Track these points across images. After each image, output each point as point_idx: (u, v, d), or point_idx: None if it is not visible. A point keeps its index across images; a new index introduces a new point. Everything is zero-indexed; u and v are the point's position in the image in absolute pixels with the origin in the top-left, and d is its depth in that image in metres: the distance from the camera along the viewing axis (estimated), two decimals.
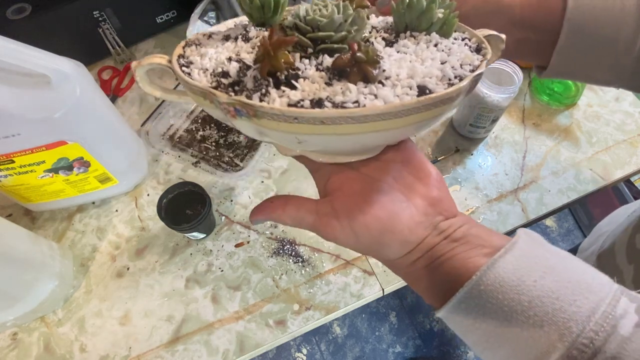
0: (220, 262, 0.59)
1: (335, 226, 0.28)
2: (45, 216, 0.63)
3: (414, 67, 0.25)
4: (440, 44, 0.27)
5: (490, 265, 0.25)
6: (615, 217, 0.59)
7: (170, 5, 0.78)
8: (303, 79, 0.25)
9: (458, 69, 0.25)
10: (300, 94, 0.24)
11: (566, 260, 0.25)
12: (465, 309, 0.25)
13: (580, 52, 0.36)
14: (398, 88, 0.23)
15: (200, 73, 0.27)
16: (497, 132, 0.70)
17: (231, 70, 0.26)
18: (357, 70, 0.24)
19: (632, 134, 0.69)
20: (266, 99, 0.23)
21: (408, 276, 0.30)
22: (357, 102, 0.23)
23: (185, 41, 0.30)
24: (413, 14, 0.28)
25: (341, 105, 0.22)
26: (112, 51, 0.76)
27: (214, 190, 0.65)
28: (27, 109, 0.45)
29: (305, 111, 0.22)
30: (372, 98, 0.23)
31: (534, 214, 0.62)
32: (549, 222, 1.60)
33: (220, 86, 0.25)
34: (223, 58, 0.27)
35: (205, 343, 0.54)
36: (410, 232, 0.28)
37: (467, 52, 0.27)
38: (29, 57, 0.42)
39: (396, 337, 1.40)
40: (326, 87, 0.24)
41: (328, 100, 0.23)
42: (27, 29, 0.66)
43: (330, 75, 0.25)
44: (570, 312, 0.23)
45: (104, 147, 0.55)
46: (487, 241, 0.27)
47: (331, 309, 0.56)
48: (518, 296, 0.24)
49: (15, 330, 0.55)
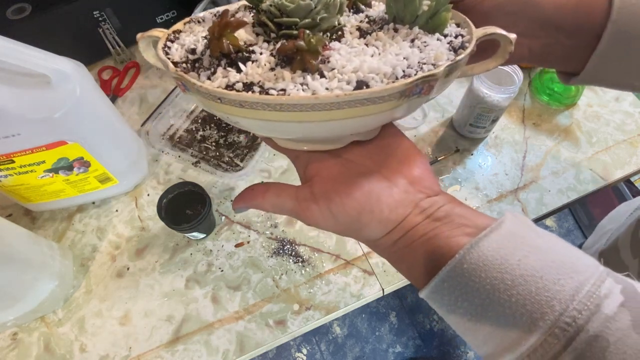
0: (220, 262, 0.59)
1: (314, 210, 0.28)
2: (45, 216, 0.63)
3: (363, 61, 0.24)
4: (418, 39, 0.26)
5: (474, 244, 0.24)
6: (618, 214, 0.59)
7: (170, 5, 0.78)
8: (252, 62, 0.25)
9: (414, 67, 0.24)
10: (240, 77, 0.24)
11: (552, 241, 0.25)
12: (448, 287, 0.25)
13: (622, 57, 0.33)
14: (334, 81, 0.23)
15: (179, 48, 0.28)
16: (497, 132, 0.70)
17: (198, 48, 0.27)
18: (299, 59, 0.24)
19: (632, 134, 0.69)
20: (212, 77, 0.25)
21: (391, 256, 0.30)
22: (283, 90, 0.23)
23: (191, 18, 0.31)
24: (399, 4, 0.27)
25: (266, 91, 0.23)
26: (112, 51, 0.76)
27: (214, 190, 0.65)
28: (27, 109, 0.45)
29: (225, 92, 0.23)
30: (300, 88, 0.23)
31: (534, 214, 0.62)
32: (549, 222, 1.60)
33: (187, 62, 0.26)
34: (200, 37, 0.29)
35: (205, 343, 0.54)
36: (390, 211, 0.28)
37: (442, 50, 0.25)
38: (29, 57, 0.42)
39: (396, 337, 1.40)
40: (267, 73, 0.24)
41: (258, 85, 0.23)
42: (27, 29, 0.66)
43: (277, 62, 0.25)
44: (553, 290, 0.22)
45: (104, 147, 0.55)
46: (471, 221, 0.27)
47: (331, 309, 0.56)
48: (501, 275, 0.23)
49: (15, 330, 0.55)
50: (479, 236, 0.25)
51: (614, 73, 0.35)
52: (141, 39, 0.30)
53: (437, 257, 0.26)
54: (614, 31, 0.32)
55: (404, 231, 0.28)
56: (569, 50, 0.34)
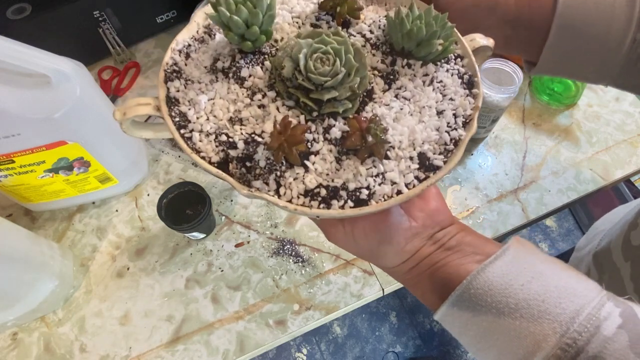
0: (220, 262, 0.59)
1: (339, 230, 0.30)
2: (45, 216, 0.63)
3: (414, 131, 0.26)
4: (435, 79, 0.28)
5: (480, 270, 0.26)
6: (612, 216, 0.59)
7: (170, 5, 0.78)
8: (314, 154, 0.25)
9: (452, 125, 0.27)
10: (315, 179, 0.24)
11: (555, 266, 0.26)
12: (458, 311, 0.26)
13: (570, 49, 0.36)
14: (403, 163, 0.25)
15: (203, 138, 0.26)
16: (497, 132, 0.70)
17: (239, 143, 0.25)
18: (365, 149, 0.25)
19: (632, 134, 0.69)
20: (282, 181, 0.24)
21: (406, 282, 0.32)
22: (368, 187, 0.24)
23: (165, 72, 0.28)
24: (412, 42, 0.28)
25: (355, 194, 0.24)
26: (112, 51, 0.76)
27: (214, 190, 0.65)
28: (27, 109, 0.45)
29: (326, 212, 0.24)
30: (380, 181, 0.24)
31: (534, 214, 0.62)
32: (549, 222, 1.60)
33: (229, 157, 0.25)
34: (222, 117, 0.26)
35: (205, 343, 0.54)
36: (407, 243, 0.29)
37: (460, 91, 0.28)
38: (29, 57, 0.42)
39: (396, 337, 1.40)
40: (337, 167, 0.25)
41: (342, 188, 0.24)
42: (27, 29, 0.66)
43: (340, 149, 0.25)
44: (555, 313, 0.24)
45: (104, 147, 0.55)
46: (481, 249, 0.28)
47: (331, 309, 0.55)
48: (505, 299, 0.25)
49: (16, 330, 0.55)
50: (484, 263, 0.26)
51: (565, 64, 0.37)
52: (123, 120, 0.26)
53: (448, 283, 0.27)
54: (560, 24, 0.34)
55: (418, 260, 0.30)
56: (527, 42, 0.37)
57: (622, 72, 0.36)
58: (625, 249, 0.45)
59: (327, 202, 0.24)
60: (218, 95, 0.27)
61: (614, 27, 0.34)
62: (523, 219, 0.62)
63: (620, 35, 0.34)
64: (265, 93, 0.27)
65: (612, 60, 0.35)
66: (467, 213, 0.62)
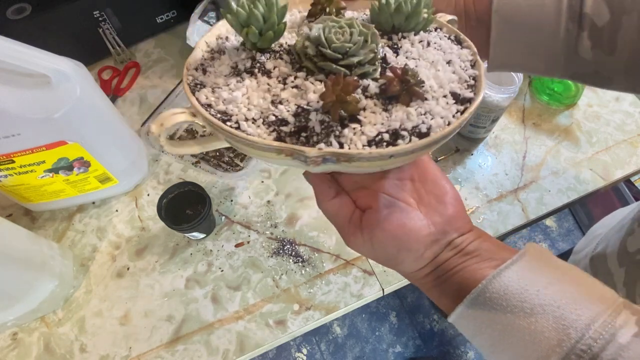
0: (220, 262, 0.59)
1: (358, 237, 0.30)
2: (45, 216, 0.63)
3: (437, 76, 0.28)
4: (431, 42, 0.31)
5: (496, 274, 0.26)
6: (609, 220, 0.59)
7: (170, 5, 0.78)
8: (363, 110, 0.26)
9: (464, 67, 0.29)
10: (373, 127, 0.25)
11: (572, 273, 0.27)
12: (473, 314, 0.26)
13: (512, 43, 0.36)
14: (441, 100, 0.27)
15: (250, 124, 0.26)
16: (497, 132, 0.70)
17: (288, 118, 0.26)
18: (406, 93, 0.26)
19: (632, 134, 0.69)
20: (342, 139, 0.25)
21: (422, 286, 0.32)
22: (423, 122, 0.25)
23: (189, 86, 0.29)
24: (401, 16, 0.30)
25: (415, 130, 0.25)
26: (112, 51, 0.76)
27: (214, 190, 0.65)
28: (27, 109, 0.45)
29: (399, 148, 0.24)
30: (430, 117, 0.26)
31: (534, 214, 0.62)
32: (549, 222, 1.59)
33: (282, 135, 0.25)
34: (262, 102, 0.27)
35: (205, 343, 0.54)
36: (426, 249, 0.29)
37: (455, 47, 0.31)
38: (29, 57, 0.42)
39: (396, 337, 1.40)
40: (388, 115, 0.26)
41: (402, 129, 0.25)
42: (27, 29, 0.66)
43: (383, 101, 0.26)
44: (570, 319, 0.24)
45: (104, 147, 0.55)
46: (497, 254, 0.28)
47: (331, 309, 0.56)
48: (521, 303, 0.25)
49: (16, 330, 0.55)
50: (500, 267, 0.26)
51: (512, 58, 0.38)
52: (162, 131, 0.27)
53: (464, 287, 0.28)
54: (498, 20, 0.35)
55: (436, 265, 0.30)
56: (479, 38, 0.37)
57: (567, 63, 0.37)
58: (621, 255, 0.45)
59: (393, 144, 0.25)
60: (250, 89, 0.28)
61: (546, 19, 0.35)
62: (523, 219, 0.62)
63: (553, 26, 0.35)
64: (296, 75, 0.28)
65: (553, 51, 0.36)
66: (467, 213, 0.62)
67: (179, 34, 0.81)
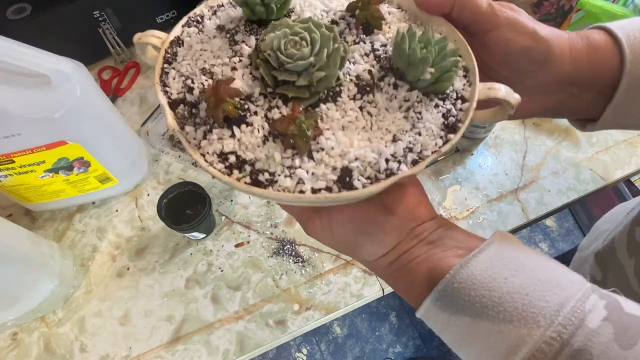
0: (220, 262, 0.59)
1: (316, 222, 0.30)
2: (45, 216, 0.63)
3: (351, 145, 0.25)
4: (414, 108, 0.26)
5: (463, 264, 0.26)
6: (614, 215, 0.59)
7: (170, 5, 0.78)
8: (247, 125, 0.26)
9: (399, 157, 0.25)
10: (234, 145, 0.25)
11: (539, 259, 0.26)
12: (441, 306, 0.26)
13: (638, 104, 0.33)
14: (321, 167, 0.24)
15: (177, 77, 0.28)
16: (497, 132, 0.70)
17: (195, 90, 0.27)
18: (289, 139, 0.24)
19: (632, 134, 0.69)
20: (207, 136, 0.25)
21: (387, 277, 0.31)
22: (273, 173, 0.24)
23: (188, 19, 0.30)
24: (402, 62, 0.27)
25: (256, 174, 0.24)
26: (112, 51, 0.76)
27: (214, 190, 0.65)
28: (27, 109, 0.45)
29: (219, 174, 0.25)
30: (288, 174, 0.24)
31: (534, 214, 0.62)
32: (549, 222, 1.60)
33: (185, 100, 0.27)
34: (200, 65, 0.28)
35: (205, 343, 0.54)
36: (386, 235, 0.29)
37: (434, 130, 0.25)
38: (29, 57, 0.42)
39: (396, 337, 1.40)
40: (259, 145, 0.25)
41: (249, 164, 0.25)
42: (27, 29, 0.66)
43: (271, 131, 0.25)
44: (539, 307, 0.23)
45: (104, 147, 0.55)
46: (463, 243, 0.28)
47: (331, 309, 0.56)
48: (489, 293, 0.24)
49: (16, 330, 0.55)
50: (468, 257, 0.26)
51: (631, 118, 0.34)
52: (138, 43, 0.29)
53: (430, 278, 0.27)
54: (628, 82, 0.31)
55: (398, 254, 0.29)
56: (584, 103, 0.34)
57: None
58: (630, 245, 0.45)
59: (231, 169, 0.25)
60: (210, 48, 0.29)
61: None
62: (523, 219, 0.62)
63: None
64: (243, 59, 0.28)
65: None
66: (467, 213, 0.62)
67: None
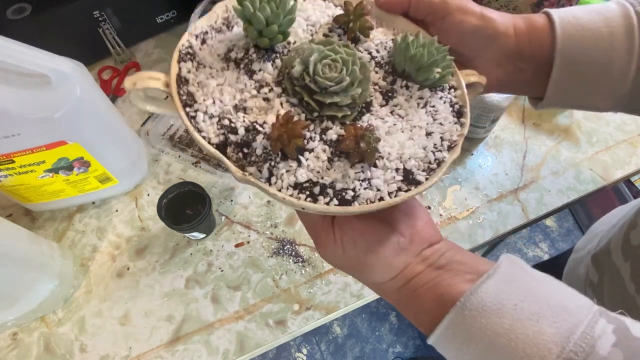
0: (220, 262, 0.59)
1: (329, 235, 0.30)
2: (45, 216, 0.63)
3: (404, 145, 0.28)
4: (429, 103, 0.30)
5: (473, 290, 0.26)
6: (610, 217, 0.59)
7: (170, 5, 0.78)
8: (309, 152, 0.26)
9: (438, 146, 0.29)
10: (306, 174, 0.26)
11: (546, 283, 0.27)
12: (453, 334, 0.26)
13: (575, 82, 0.35)
14: (389, 173, 0.27)
15: (206, 119, 0.26)
16: (497, 132, 0.70)
17: (240, 129, 0.26)
18: (357, 154, 0.26)
19: (632, 134, 0.69)
20: (274, 171, 0.25)
21: (397, 303, 0.31)
22: (354, 189, 0.26)
23: (179, 52, 0.29)
24: (413, 66, 0.30)
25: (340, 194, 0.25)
26: (112, 51, 0.76)
27: (214, 190, 0.65)
28: (27, 109, 0.45)
29: (312, 206, 0.25)
30: (365, 186, 0.26)
31: (534, 214, 0.62)
32: (549, 222, 1.60)
33: (228, 141, 0.26)
34: (228, 102, 0.27)
35: (205, 343, 0.54)
36: (394, 256, 0.29)
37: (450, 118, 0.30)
38: (29, 57, 0.42)
39: (396, 337, 1.40)
40: (328, 167, 0.26)
41: (330, 186, 0.25)
42: (27, 29, 0.66)
43: (333, 150, 0.27)
44: (549, 333, 0.23)
45: (104, 147, 0.55)
46: (472, 267, 0.28)
47: (331, 309, 0.56)
48: (500, 319, 0.25)
49: (15, 330, 0.55)
50: (476, 283, 0.26)
51: (572, 97, 0.36)
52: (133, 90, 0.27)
53: (440, 304, 0.27)
54: (562, 61, 0.34)
55: (407, 279, 0.29)
56: (531, 78, 0.36)
57: (631, 100, 0.36)
58: (625, 249, 0.45)
59: (314, 197, 0.25)
60: (227, 82, 0.28)
61: (616, 60, 0.33)
62: (523, 219, 0.62)
63: (624, 67, 0.34)
64: (272, 88, 0.28)
65: (619, 90, 0.35)
66: (467, 213, 0.62)
67: (179, 34, 0.80)
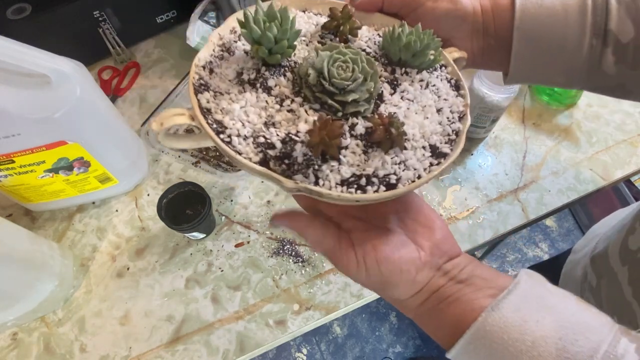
0: (220, 262, 0.59)
1: (351, 256, 0.30)
2: (46, 216, 0.63)
3: (423, 125, 0.30)
4: (430, 83, 0.32)
5: (494, 306, 0.26)
6: (609, 220, 0.59)
7: (170, 5, 0.78)
8: (345, 149, 0.28)
9: (451, 119, 0.31)
10: (348, 168, 0.27)
11: (566, 299, 0.27)
12: (474, 350, 0.26)
13: (534, 57, 0.36)
14: (418, 151, 0.29)
15: (241, 141, 0.27)
16: (497, 132, 0.70)
17: (276, 143, 0.27)
18: (388, 141, 0.28)
19: (632, 134, 0.69)
20: (319, 174, 0.27)
21: (418, 318, 0.31)
22: (396, 173, 0.27)
23: (193, 85, 0.29)
24: (409, 53, 0.32)
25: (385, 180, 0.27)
26: (112, 51, 0.76)
27: (214, 190, 0.65)
28: (27, 109, 0.45)
29: (366, 196, 0.26)
30: (403, 168, 0.28)
31: (534, 214, 0.62)
32: (549, 222, 1.60)
33: (268, 157, 0.27)
34: (257, 121, 0.28)
35: (205, 343, 0.54)
36: (417, 272, 0.29)
37: (451, 93, 0.32)
38: (29, 57, 0.42)
39: (396, 337, 1.40)
40: (365, 159, 0.28)
41: (374, 175, 0.27)
42: (27, 29, 0.66)
43: (365, 143, 0.28)
44: (573, 352, 0.23)
45: (104, 147, 0.55)
46: (492, 282, 0.28)
47: (331, 309, 0.56)
48: (522, 336, 0.24)
49: (15, 330, 0.55)
50: (497, 298, 0.26)
51: (534, 72, 0.38)
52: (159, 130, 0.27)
53: (461, 319, 0.27)
54: (520, 36, 0.35)
55: (429, 293, 0.29)
56: (499, 53, 0.37)
57: (589, 77, 0.37)
58: (623, 254, 0.45)
59: (363, 188, 0.26)
60: (249, 103, 0.29)
61: (570, 36, 0.35)
62: (523, 219, 0.62)
63: (577, 43, 0.35)
64: (293, 99, 0.29)
65: (576, 65, 0.36)
66: (467, 213, 0.62)
67: (179, 34, 0.81)
